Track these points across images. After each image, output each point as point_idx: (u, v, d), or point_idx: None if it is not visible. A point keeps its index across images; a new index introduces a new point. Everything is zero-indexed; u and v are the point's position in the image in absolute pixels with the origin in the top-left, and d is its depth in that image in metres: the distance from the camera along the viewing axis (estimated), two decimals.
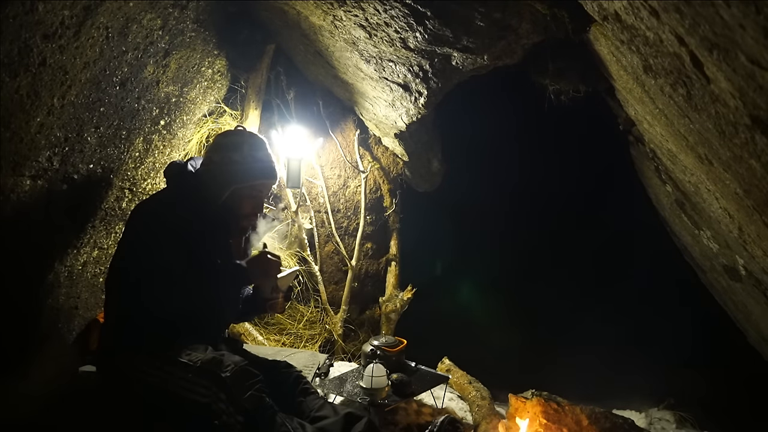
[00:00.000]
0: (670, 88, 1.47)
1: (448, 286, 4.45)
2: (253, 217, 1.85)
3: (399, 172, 3.81)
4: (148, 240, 1.61)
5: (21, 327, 2.03)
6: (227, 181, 1.73)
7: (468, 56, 2.37)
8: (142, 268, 1.57)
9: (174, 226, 1.61)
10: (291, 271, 2.01)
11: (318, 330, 3.38)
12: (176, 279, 1.54)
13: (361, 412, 1.80)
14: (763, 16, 0.81)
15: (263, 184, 1.82)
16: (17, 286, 1.95)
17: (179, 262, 1.56)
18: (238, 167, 1.75)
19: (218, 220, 1.75)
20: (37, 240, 1.99)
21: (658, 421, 3.11)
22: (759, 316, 2.74)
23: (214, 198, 1.74)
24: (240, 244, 1.92)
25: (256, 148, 1.80)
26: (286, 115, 3.32)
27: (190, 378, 1.55)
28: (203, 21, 2.53)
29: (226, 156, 1.76)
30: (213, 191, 1.74)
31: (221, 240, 1.81)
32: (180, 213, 1.64)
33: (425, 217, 4.08)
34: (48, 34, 1.63)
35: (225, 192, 1.73)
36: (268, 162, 1.82)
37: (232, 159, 1.75)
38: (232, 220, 1.80)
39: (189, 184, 1.76)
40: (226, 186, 1.73)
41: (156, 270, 1.54)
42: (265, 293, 1.95)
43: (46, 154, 1.86)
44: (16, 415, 1.61)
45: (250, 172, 1.77)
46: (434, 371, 2.65)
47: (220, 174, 1.74)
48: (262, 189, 1.83)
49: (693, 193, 2.37)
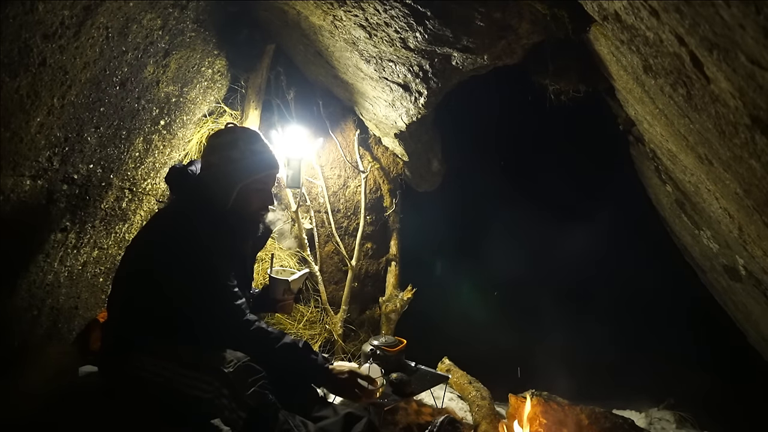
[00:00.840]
0: (670, 88, 1.47)
1: (448, 286, 4.45)
2: (264, 210, 1.86)
3: (399, 172, 3.81)
4: (166, 261, 1.62)
5: (21, 327, 2.03)
6: (232, 181, 1.73)
7: (468, 56, 2.37)
8: (161, 288, 1.60)
9: (196, 246, 1.63)
10: (302, 273, 2.09)
11: (318, 330, 3.38)
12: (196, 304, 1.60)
13: (361, 412, 1.80)
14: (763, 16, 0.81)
15: (267, 175, 1.81)
16: (17, 286, 1.95)
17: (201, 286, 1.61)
18: (238, 165, 1.73)
19: (235, 226, 1.76)
20: (37, 240, 1.99)
21: (658, 421, 3.11)
22: (759, 316, 2.74)
23: (223, 202, 1.73)
24: (250, 245, 1.95)
25: (253, 141, 1.79)
26: (286, 115, 3.32)
27: (192, 374, 1.55)
28: (203, 21, 2.52)
29: (224, 156, 1.75)
30: (219, 195, 1.73)
31: (238, 247, 1.82)
32: (200, 228, 1.65)
33: (425, 217, 4.08)
34: (48, 34, 1.62)
35: (232, 193, 1.72)
36: (268, 152, 1.81)
37: (231, 158, 1.74)
38: (246, 219, 1.81)
39: (197, 191, 1.75)
40: (232, 186, 1.72)
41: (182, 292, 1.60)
42: (277, 294, 2.03)
43: (46, 154, 1.86)
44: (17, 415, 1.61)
45: (253, 167, 1.76)
46: (434, 371, 2.65)
47: (223, 176, 1.73)
48: (267, 181, 1.82)
49: (693, 193, 2.37)
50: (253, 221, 1.86)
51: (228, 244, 1.72)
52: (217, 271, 1.65)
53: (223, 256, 1.68)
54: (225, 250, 1.69)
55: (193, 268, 1.60)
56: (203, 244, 1.63)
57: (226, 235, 1.71)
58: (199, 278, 1.61)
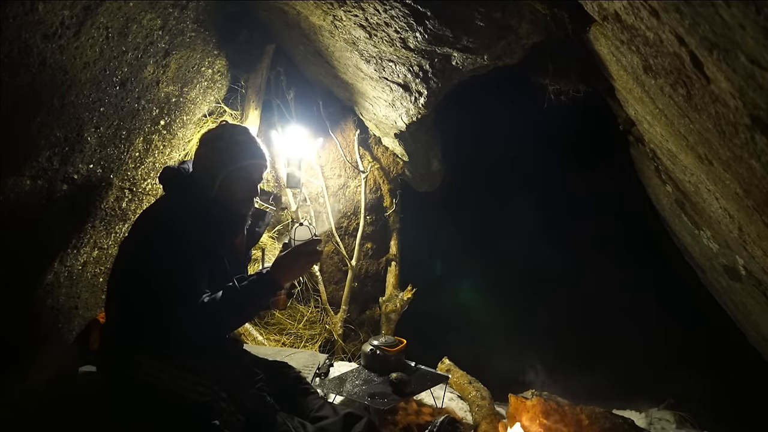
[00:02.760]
0: (670, 88, 1.47)
1: (448, 286, 4.45)
2: (248, 202, 1.83)
3: (399, 172, 3.81)
4: (155, 253, 1.58)
5: (21, 327, 2.03)
6: (216, 170, 1.72)
7: (468, 56, 2.37)
8: (151, 280, 1.55)
9: (182, 239, 1.59)
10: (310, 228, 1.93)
11: (318, 330, 3.38)
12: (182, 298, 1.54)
13: (361, 412, 1.80)
14: (763, 16, 0.81)
15: (251, 164, 1.79)
16: (17, 286, 1.95)
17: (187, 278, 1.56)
18: (223, 153, 1.74)
19: (220, 218, 1.74)
20: (37, 240, 1.99)
21: (658, 421, 3.11)
22: (759, 316, 2.74)
23: (207, 190, 1.72)
24: (242, 241, 1.92)
25: (238, 133, 1.80)
26: (286, 115, 3.32)
27: (191, 377, 1.54)
28: (203, 21, 2.53)
29: (210, 146, 1.76)
30: (204, 183, 1.73)
31: (225, 240, 1.79)
32: (185, 221, 1.62)
33: (425, 217, 4.08)
34: (48, 34, 1.63)
35: (216, 181, 1.72)
36: (253, 143, 1.80)
37: (215, 147, 1.75)
38: (230, 210, 1.78)
39: (186, 185, 1.75)
40: (216, 174, 1.72)
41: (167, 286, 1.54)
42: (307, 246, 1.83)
43: (46, 154, 1.86)
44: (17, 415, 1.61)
45: (236, 155, 1.75)
46: (434, 371, 2.65)
47: (209, 165, 1.74)
48: (251, 170, 1.80)
49: (693, 193, 2.37)
50: (239, 213, 1.83)
51: (209, 237, 1.68)
52: (192, 264, 1.60)
53: (203, 249, 1.64)
54: (205, 243, 1.65)
55: (171, 261, 1.56)
56: (182, 238, 1.59)
57: (207, 227, 1.67)
58: (176, 272, 1.56)
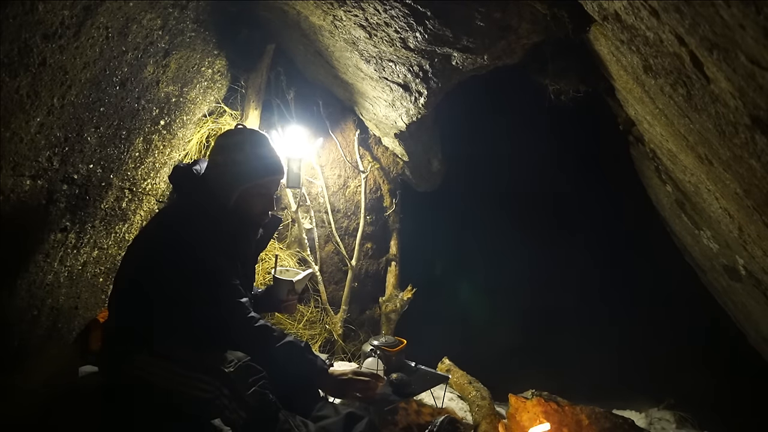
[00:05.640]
0: (670, 88, 1.47)
1: (448, 286, 4.45)
2: (265, 216, 1.86)
3: (399, 172, 3.81)
4: (168, 259, 1.60)
5: (21, 327, 2.03)
6: (234, 184, 1.73)
7: (468, 56, 2.37)
8: (163, 288, 1.59)
9: (198, 245, 1.62)
10: (306, 274, 2.09)
11: (318, 330, 3.38)
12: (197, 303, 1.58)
13: (362, 412, 1.80)
14: (763, 16, 0.81)
15: (270, 181, 1.81)
16: (17, 286, 1.95)
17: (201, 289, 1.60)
18: (242, 168, 1.74)
19: (236, 229, 1.76)
20: (37, 240, 1.99)
21: (658, 421, 3.11)
22: (759, 316, 2.75)
23: (224, 201, 1.73)
24: (254, 246, 1.96)
25: (259, 145, 1.80)
26: (286, 115, 3.32)
27: (192, 374, 1.54)
28: (203, 21, 2.53)
29: (229, 157, 1.75)
30: (221, 194, 1.73)
31: (241, 248, 1.82)
32: (201, 228, 1.65)
33: (425, 217, 4.08)
34: (48, 34, 1.63)
35: (234, 195, 1.73)
36: (272, 158, 1.81)
37: (235, 160, 1.74)
38: (246, 223, 1.81)
39: (201, 191, 1.75)
40: (233, 188, 1.73)
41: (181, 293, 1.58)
42: (281, 295, 2.04)
43: (46, 154, 1.86)
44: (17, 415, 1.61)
45: (255, 171, 1.76)
46: (434, 371, 2.65)
47: (226, 176, 1.74)
48: (270, 186, 1.82)
49: (693, 193, 2.37)
50: (254, 225, 1.86)
51: (230, 245, 1.72)
52: (221, 269, 1.65)
53: (226, 255, 1.69)
54: (227, 250, 1.70)
55: (197, 267, 1.59)
56: (205, 244, 1.63)
57: (228, 236, 1.72)
58: (203, 277, 1.60)
